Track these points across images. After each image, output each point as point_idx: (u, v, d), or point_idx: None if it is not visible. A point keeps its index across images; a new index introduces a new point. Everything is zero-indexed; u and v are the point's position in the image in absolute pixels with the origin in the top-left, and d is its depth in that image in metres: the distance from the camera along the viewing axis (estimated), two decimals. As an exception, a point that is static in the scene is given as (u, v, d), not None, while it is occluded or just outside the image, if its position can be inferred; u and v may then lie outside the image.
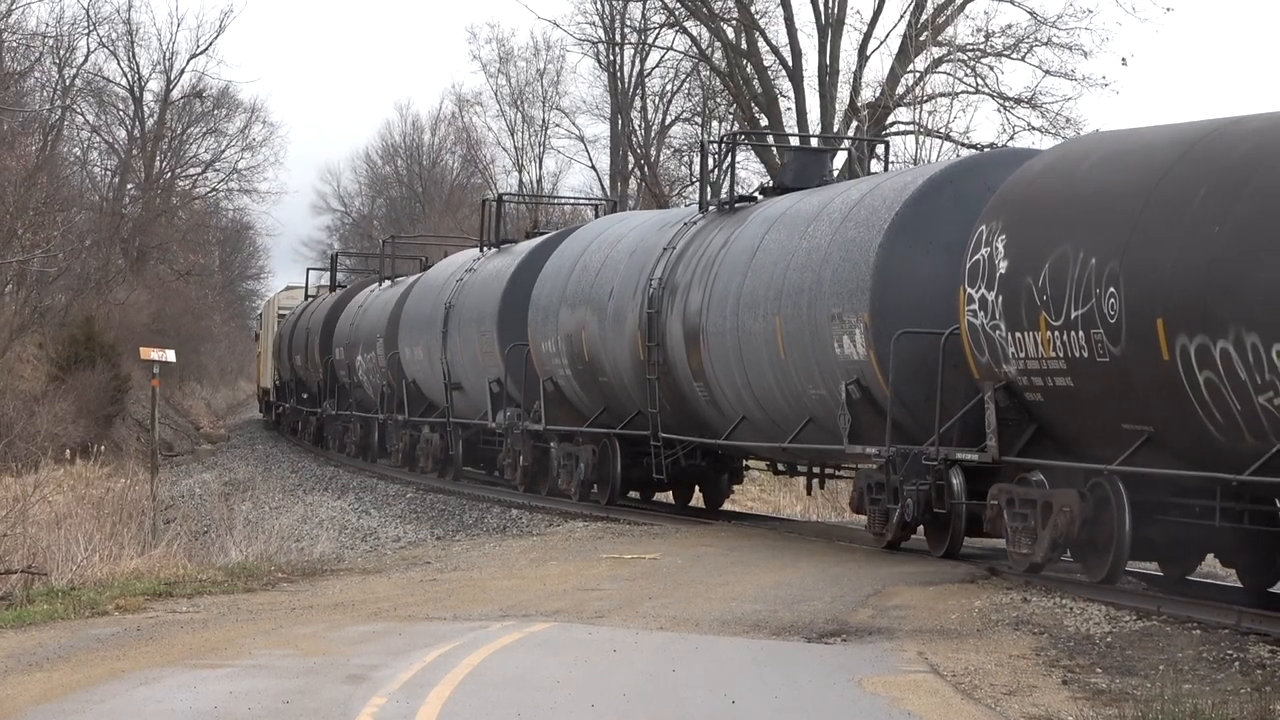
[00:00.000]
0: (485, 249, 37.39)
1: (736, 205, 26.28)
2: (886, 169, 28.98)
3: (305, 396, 57.44)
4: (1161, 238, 16.01)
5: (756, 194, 26.89)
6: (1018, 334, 17.91)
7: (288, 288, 71.83)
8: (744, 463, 28.81)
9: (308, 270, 66.94)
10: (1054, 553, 17.97)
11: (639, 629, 15.40)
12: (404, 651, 14.02)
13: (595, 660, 13.79)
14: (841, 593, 17.49)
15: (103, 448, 42.63)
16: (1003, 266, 18.15)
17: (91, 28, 75.79)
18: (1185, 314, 15.55)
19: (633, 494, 30.41)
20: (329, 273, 61.10)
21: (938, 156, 44.48)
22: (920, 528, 20.83)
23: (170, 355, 35.45)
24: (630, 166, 65.67)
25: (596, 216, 39.09)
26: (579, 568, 20.10)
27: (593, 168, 71.47)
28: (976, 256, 18.67)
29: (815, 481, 25.54)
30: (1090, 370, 16.90)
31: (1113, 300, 16.42)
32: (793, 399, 22.70)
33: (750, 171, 53.27)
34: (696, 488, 29.72)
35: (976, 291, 18.62)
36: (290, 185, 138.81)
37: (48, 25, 71.74)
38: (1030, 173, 18.68)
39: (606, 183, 68.18)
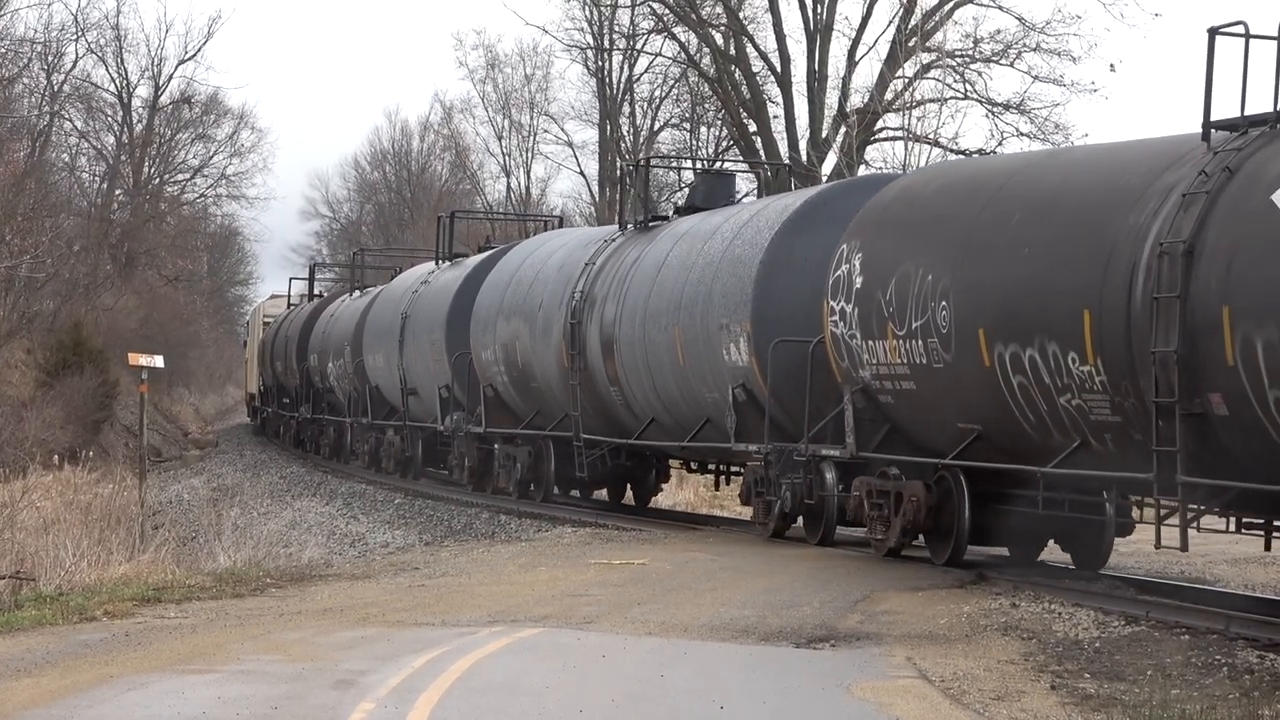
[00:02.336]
0: (440, 262, 39.29)
1: (650, 224, 28.27)
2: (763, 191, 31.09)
3: (286, 401, 59.20)
4: (983, 257, 18.05)
5: (671, 213, 28.88)
6: (870, 342, 19.93)
7: (273, 296, 72.87)
8: (669, 462, 30.73)
9: (290, 279, 68.13)
10: (905, 538, 20.02)
11: (628, 635, 15.40)
12: (392, 657, 14.00)
13: (584, 666, 13.75)
14: (830, 598, 17.47)
15: (91, 453, 41.72)
16: (858, 282, 20.17)
17: (80, 33, 76.32)
18: (1001, 325, 17.57)
19: (574, 493, 32.33)
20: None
21: (926, 162, 44.09)
22: (800, 519, 22.86)
23: (158, 361, 35.31)
24: (619, 172, 66.61)
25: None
26: (568, 573, 20.08)
27: (581, 173, 71.79)
28: (838, 273, 20.70)
29: (722, 478, 27.61)
30: (928, 375, 18.93)
31: (945, 313, 18.44)
32: (691, 402, 24.70)
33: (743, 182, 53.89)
34: (629, 485, 31.62)
35: (837, 304, 20.65)
36: (279, 191, 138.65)
37: (36, 31, 71.80)
38: (884, 198, 20.73)
39: (595, 189, 68.59)
